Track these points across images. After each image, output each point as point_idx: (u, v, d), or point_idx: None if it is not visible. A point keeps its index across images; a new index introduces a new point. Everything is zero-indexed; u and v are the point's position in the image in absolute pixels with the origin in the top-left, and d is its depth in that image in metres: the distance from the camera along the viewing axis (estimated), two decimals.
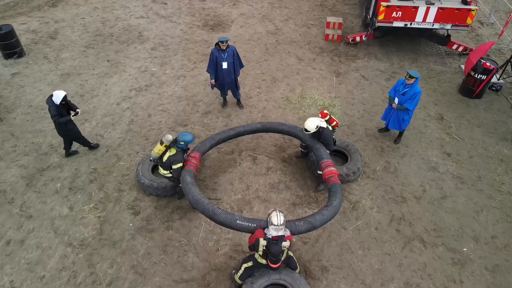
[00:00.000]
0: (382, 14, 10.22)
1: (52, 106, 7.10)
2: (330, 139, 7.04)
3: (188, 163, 6.57)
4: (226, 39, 8.14)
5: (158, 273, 6.12)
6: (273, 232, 5.07)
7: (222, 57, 8.34)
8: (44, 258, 6.27)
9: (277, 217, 5.04)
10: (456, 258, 6.42)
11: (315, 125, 6.88)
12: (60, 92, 7.12)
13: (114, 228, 6.73)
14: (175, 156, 6.45)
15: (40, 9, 13.19)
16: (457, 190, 7.52)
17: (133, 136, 8.50)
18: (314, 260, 6.34)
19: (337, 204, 6.00)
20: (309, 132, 6.94)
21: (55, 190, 7.32)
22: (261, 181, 7.50)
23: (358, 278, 6.13)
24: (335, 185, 6.32)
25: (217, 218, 5.66)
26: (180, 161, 6.45)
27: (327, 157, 6.77)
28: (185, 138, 6.41)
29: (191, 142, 6.48)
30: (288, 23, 12.79)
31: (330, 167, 6.57)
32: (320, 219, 5.72)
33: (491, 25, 12.91)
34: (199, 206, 5.84)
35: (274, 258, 5.16)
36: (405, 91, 7.61)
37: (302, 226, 5.60)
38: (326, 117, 7.13)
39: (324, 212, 5.82)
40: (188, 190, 6.04)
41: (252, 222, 5.50)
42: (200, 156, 6.85)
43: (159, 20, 12.78)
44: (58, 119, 7.17)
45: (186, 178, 6.23)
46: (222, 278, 6.08)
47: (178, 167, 6.47)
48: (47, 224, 6.76)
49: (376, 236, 6.71)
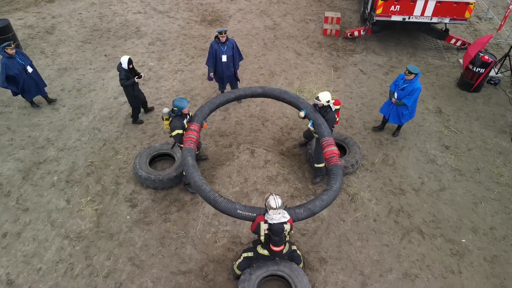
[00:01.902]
0: (380, 8, 10.19)
1: (122, 70, 7.77)
2: (332, 123, 6.95)
3: (187, 138, 6.35)
4: (224, 30, 8.11)
5: (155, 265, 6.08)
6: (274, 215, 5.04)
7: (221, 50, 8.30)
8: (40, 251, 6.23)
9: (275, 200, 5.05)
10: (455, 249, 6.40)
11: (327, 98, 6.77)
12: (125, 57, 7.76)
13: (111, 220, 6.70)
14: (172, 123, 6.52)
15: (37, 5, 13.13)
16: (456, 182, 7.50)
17: (131, 130, 8.46)
18: (312, 252, 6.31)
19: (337, 188, 5.83)
20: (319, 102, 6.80)
21: (51, 183, 7.28)
22: (259, 174, 7.46)
23: (357, 269, 6.11)
24: (336, 166, 6.13)
25: (218, 206, 5.57)
26: (177, 127, 6.48)
27: (328, 134, 6.58)
28: (177, 104, 6.44)
29: (184, 107, 6.46)
30: (286, 18, 12.76)
31: (331, 146, 6.36)
32: (320, 205, 5.60)
33: (489, 20, 12.91)
34: (201, 192, 5.72)
35: (276, 237, 5.07)
36: (404, 86, 7.54)
37: (302, 214, 5.50)
38: (337, 106, 7.01)
39: (324, 197, 5.66)
40: (190, 174, 5.89)
41: (253, 212, 5.45)
42: (199, 127, 6.64)
43: (156, 15, 12.74)
44: (125, 82, 7.81)
45: (188, 160, 6.03)
46: (220, 269, 6.05)
47: (176, 134, 6.50)
48: (44, 217, 6.72)
49: (374, 227, 6.69)
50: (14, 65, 8.06)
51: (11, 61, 8.05)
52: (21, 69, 8.16)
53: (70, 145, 8.07)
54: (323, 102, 6.82)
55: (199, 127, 6.67)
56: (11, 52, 8.01)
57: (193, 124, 6.65)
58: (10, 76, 8.10)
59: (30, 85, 8.43)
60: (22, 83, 8.27)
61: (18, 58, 8.15)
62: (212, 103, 7.20)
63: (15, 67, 8.07)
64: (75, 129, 8.44)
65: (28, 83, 8.38)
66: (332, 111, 6.94)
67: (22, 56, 8.36)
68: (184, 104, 6.50)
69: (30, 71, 8.32)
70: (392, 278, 6.00)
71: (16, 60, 8.12)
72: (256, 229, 5.21)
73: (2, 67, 8.06)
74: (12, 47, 8.00)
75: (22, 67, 8.18)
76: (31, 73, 8.36)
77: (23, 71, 8.20)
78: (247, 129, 8.56)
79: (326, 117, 6.93)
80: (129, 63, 7.78)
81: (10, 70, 8.04)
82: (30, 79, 8.37)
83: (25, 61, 8.29)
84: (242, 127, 8.59)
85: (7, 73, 8.04)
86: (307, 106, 7.14)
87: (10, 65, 8.03)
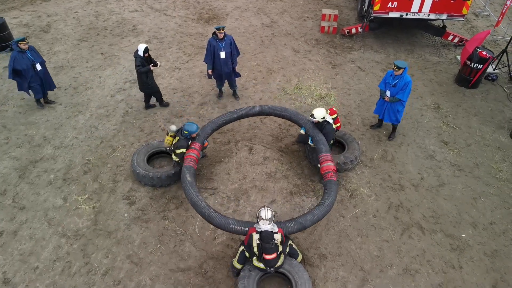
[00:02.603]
0: (378, 4, 10.19)
1: (138, 57, 7.96)
2: (331, 136, 7.07)
3: (188, 157, 6.64)
4: (222, 27, 8.06)
5: (154, 263, 6.02)
6: (263, 226, 5.22)
7: (219, 46, 8.26)
8: (37, 249, 6.15)
9: (265, 212, 5.28)
10: (455, 244, 6.38)
11: (322, 115, 6.92)
12: (142, 45, 7.95)
13: (109, 218, 6.63)
14: (178, 142, 6.80)
15: (33, 3, 13.04)
16: (455, 177, 7.48)
17: (128, 128, 8.40)
18: (312, 248, 6.27)
19: (329, 203, 5.94)
20: (314, 119, 6.94)
21: (48, 182, 7.21)
22: (258, 171, 7.42)
23: (357, 265, 6.07)
24: (330, 182, 6.25)
25: (213, 221, 5.70)
26: (182, 147, 6.77)
27: (326, 150, 6.72)
28: (188, 128, 6.74)
29: (194, 132, 6.80)
30: (283, 16, 12.73)
31: (328, 162, 6.50)
32: (311, 220, 5.71)
33: (486, 17, 12.93)
34: (197, 208, 5.88)
35: (267, 244, 5.15)
36: (395, 82, 7.49)
37: (292, 227, 5.61)
38: (333, 115, 7.15)
39: (315, 212, 5.78)
40: (187, 191, 6.08)
41: (245, 226, 5.58)
42: (200, 146, 6.92)
43: (153, 13, 12.68)
44: (140, 69, 7.99)
45: (186, 177, 6.25)
46: (220, 266, 6.00)
47: (180, 152, 6.79)
48: (41, 215, 6.64)
49: (374, 223, 6.66)
50: (23, 60, 8.04)
51: (21, 55, 8.04)
52: (29, 65, 8.12)
53: (67, 143, 7.99)
54: (318, 119, 6.97)
55: (200, 146, 6.94)
56: (24, 47, 8.01)
57: (194, 143, 6.91)
58: (16, 70, 8.07)
59: (36, 83, 8.37)
60: (29, 79, 8.23)
61: (28, 54, 8.13)
62: (214, 123, 7.38)
63: (23, 62, 8.05)
64: (72, 127, 8.37)
65: (35, 80, 8.32)
66: (330, 124, 7.05)
67: (34, 53, 8.30)
68: (194, 129, 6.80)
69: (38, 69, 8.26)
70: (393, 274, 5.96)
71: (26, 55, 8.10)
72: (249, 241, 5.34)
73: (10, 60, 8.04)
74: (26, 42, 8.01)
75: (31, 63, 8.14)
76: (39, 71, 8.30)
77: (31, 67, 8.15)
78: (245, 126, 8.51)
79: (324, 131, 7.07)
80: (145, 52, 7.94)
81: (17, 64, 8.02)
82: (37, 77, 8.31)
83: (35, 58, 8.24)
84: (240, 124, 8.54)
85: (14, 67, 8.02)
86: (306, 123, 7.28)
87: (19, 59, 8.02)
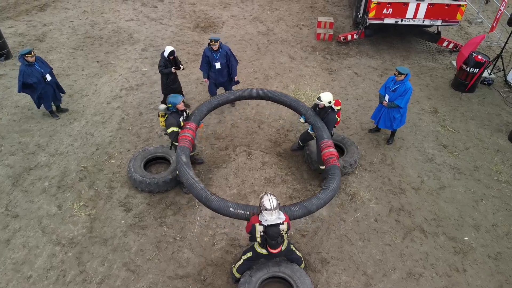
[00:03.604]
0: (373, 11, 10.25)
1: (162, 58, 8.00)
2: (332, 124, 6.88)
3: (183, 137, 6.29)
4: (216, 39, 8.01)
5: (151, 270, 5.86)
6: (268, 217, 4.82)
7: (214, 57, 8.23)
8: (31, 258, 5.97)
9: (269, 201, 4.80)
10: (458, 247, 6.28)
11: (329, 99, 6.68)
12: (169, 47, 7.97)
13: (105, 225, 6.47)
14: (167, 120, 6.45)
15: (28, 13, 13.01)
16: (455, 180, 7.43)
17: (124, 134, 8.29)
18: (313, 253, 6.14)
19: (334, 187, 5.73)
20: (321, 102, 6.70)
21: (42, 189, 7.05)
22: (257, 176, 7.32)
23: (359, 269, 5.95)
24: (334, 167, 6.07)
25: (210, 204, 5.42)
26: (172, 125, 6.42)
27: (327, 137, 6.53)
28: (172, 100, 6.38)
29: (177, 103, 6.38)
30: (279, 24, 12.79)
31: (330, 148, 6.32)
32: (316, 203, 5.48)
33: (480, 23, 13.07)
34: (193, 190, 5.59)
35: (273, 241, 4.92)
36: (395, 87, 7.45)
37: (297, 211, 5.36)
38: (338, 106, 6.93)
39: (321, 195, 5.55)
40: (183, 172, 5.79)
41: (246, 209, 5.29)
42: (195, 127, 6.57)
43: (149, 22, 12.68)
44: (162, 70, 8.03)
45: (181, 157, 5.96)
46: (219, 273, 5.84)
47: (171, 131, 6.46)
48: (34, 223, 6.47)
49: (376, 227, 6.55)
50: (32, 73, 7.80)
51: (30, 68, 7.78)
52: (40, 77, 7.89)
53: (62, 150, 7.86)
54: (325, 103, 6.74)
55: (195, 126, 6.59)
56: (31, 60, 7.74)
57: (189, 123, 6.56)
58: (27, 83, 7.86)
59: (48, 94, 8.17)
60: (39, 91, 8.02)
61: (37, 66, 7.87)
62: (210, 103, 7.11)
63: (33, 75, 7.80)
64: (67, 134, 8.25)
65: (47, 91, 8.12)
66: (334, 112, 6.86)
67: (42, 63, 8.07)
68: (178, 99, 6.42)
69: (49, 80, 8.07)
70: (396, 278, 5.84)
71: (35, 68, 7.84)
72: (252, 230, 5.02)
73: (20, 74, 7.78)
74: (32, 54, 7.73)
75: (41, 75, 7.91)
76: (50, 81, 8.12)
77: (42, 79, 7.94)
78: (243, 131, 8.44)
79: (327, 118, 6.85)
80: (170, 54, 7.93)
81: (28, 78, 7.78)
82: (48, 87, 8.13)
83: (44, 69, 8.02)
84: (238, 130, 8.46)
85: (24, 81, 7.80)
86: (307, 110, 7.07)
87: (29, 73, 7.77)
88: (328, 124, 6.86)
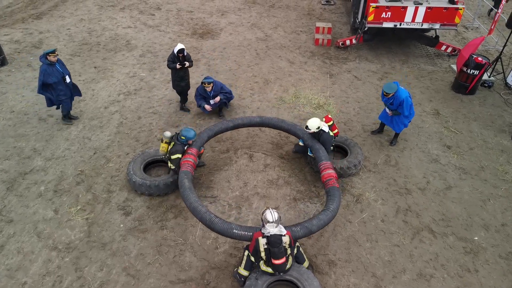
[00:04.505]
0: (372, 15, 10.26)
1: (172, 53, 8.21)
2: (329, 144, 6.93)
3: (185, 162, 6.37)
4: (209, 81, 8.08)
5: (152, 274, 5.62)
6: (271, 229, 4.91)
7: (208, 95, 8.34)
8: (25, 264, 5.70)
9: (271, 214, 4.96)
10: (468, 247, 6.11)
11: (316, 125, 6.79)
12: (179, 45, 8.15)
13: (103, 229, 6.23)
14: (174, 147, 6.51)
15: (24, 21, 12.91)
16: (461, 180, 7.29)
17: (123, 138, 8.10)
18: (320, 255, 5.94)
19: (334, 208, 5.71)
20: (309, 130, 6.82)
21: (38, 194, 6.81)
22: (259, 178, 7.15)
23: (368, 271, 5.74)
24: (333, 188, 6.03)
25: (214, 227, 5.39)
26: (178, 152, 6.47)
27: (326, 158, 6.55)
28: (185, 134, 6.49)
29: (192, 138, 6.54)
30: (277, 30, 12.78)
31: (329, 170, 6.31)
32: (317, 224, 5.46)
33: (476, 29, 13.16)
34: (197, 214, 5.57)
35: (275, 248, 4.84)
36: (390, 102, 7.43)
37: (299, 232, 5.34)
38: (329, 122, 7.07)
39: (321, 216, 5.55)
40: (186, 196, 5.79)
41: (249, 231, 5.29)
42: (197, 152, 6.67)
43: (147, 29, 12.63)
44: (169, 64, 8.27)
45: (184, 182, 5.98)
46: (223, 276, 5.61)
47: (176, 158, 6.47)
48: (30, 228, 6.22)
49: (383, 228, 6.37)
50: (53, 73, 7.66)
51: (51, 68, 7.65)
52: (60, 78, 7.77)
53: (58, 154, 7.65)
54: (313, 130, 6.85)
55: (196, 151, 6.69)
56: (54, 59, 7.62)
57: (190, 149, 6.66)
58: (47, 83, 7.72)
59: (66, 96, 8.03)
60: (58, 93, 7.88)
61: (58, 66, 7.76)
62: (211, 130, 7.23)
63: (54, 75, 7.67)
64: (64, 138, 8.05)
65: (65, 93, 7.98)
66: (325, 132, 6.92)
67: (62, 65, 7.96)
68: (192, 135, 6.55)
69: (68, 81, 7.95)
70: (406, 279, 5.64)
71: (56, 68, 7.72)
72: (255, 245, 5.02)
73: (40, 74, 7.64)
74: (55, 54, 7.64)
75: (61, 75, 7.81)
76: (69, 83, 8.01)
77: (61, 80, 7.82)
78: (244, 134, 8.29)
79: (321, 140, 6.93)
80: (179, 52, 8.07)
81: (48, 78, 7.64)
82: (67, 89, 8.01)
83: (64, 71, 7.92)
84: (238, 133, 8.31)
85: (44, 80, 7.66)
86: (303, 134, 7.14)
87: (50, 72, 7.64)
88: (325, 144, 6.90)
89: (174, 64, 8.19)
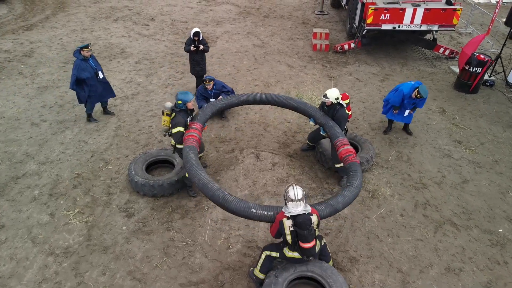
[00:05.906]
0: (371, 17, 10.23)
1: (188, 37, 8.52)
2: (344, 121, 6.48)
3: (189, 136, 5.74)
4: (211, 78, 7.84)
5: (160, 278, 5.13)
6: (293, 209, 4.37)
7: (209, 94, 8.07)
8: (19, 270, 5.17)
9: (294, 191, 4.40)
10: (494, 240, 5.80)
11: (335, 95, 6.32)
12: (195, 28, 8.49)
13: (104, 232, 5.75)
14: (175, 118, 5.89)
15: (14, 32, 12.56)
16: (477, 174, 7.06)
17: (121, 141, 7.69)
18: (340, 252, 5.55)
19: (358, 184, 5.29)
20: (328, 99, 6.33)
21: (32, 198, 6.31)
22: (268, 176, 6.79)
23: (393, 266, 5.36)
24: (354, 164, 5.63)
25: (229, 206, 4.81)
26: (179, 125, 5.86)
27: (341, 135, 6.14)
28: (182, 97, 5.87)
29: (189, 100, 5.92)
30: (273, 37, 12.70)
31: (346, 146, 5.91)
32: (342, 201, 4.99)
33: (469, 34, 13.30)
34: (207, 191, 4.96)
35: (305, 230, 4.30)
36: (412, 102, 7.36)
37: (324, 210, 4.84)
38: (346, 100, 6.58)
39: (346, 193, 5.09)
40: (194, 172, 5.17)
41: (269, 210, 4.71)
42: (201, 127, 6.07)
43: (141, 38, 12.40)
44: (185, 47, 8.60)
45: (191, 157, 5.36)
46: (238, 277, 5.16)
47: (177, 131, 5.86)
48: (23, 233, 5.70)
49: (403, 222, 6.04)
50: (86, 68, 7.48)
51: (85, 63, 7.47)
52: (93, 73, 7.59)
53: (53, 158, 7.18)
54: (332, 100, 6.38)
55: (201, 127, 6.08)
56: (87, 54, 7.45)
57: (195, 123, 6.06)
58: (80, 79, 7.45)
59: (96, 92, 7.80)
60: (89, 88, 7.65)
61: (91, 61, 7.59)
62: (215, 106, 6.68)
63: (87, 70, 7.49)
64: (59, 142, 7.60)
65: (95, 89, 7.74)
66: (343, 108, 6.48)
67: (95, 61, 7.77)
68: (190, 97, 5.95)
69: (101, 77, 7.74)
70: (435, 274, 5.27)
71: (89, 63, 7.54)
72: (279, 229, 4.48)
73: (74, 68, 7.41)
74: (89, 49, 7.48)
75: (94, 71, 7.60)
76: (102, 79, 7.80)
77: (94, 75, 7.60)
78: (249, 134, 7.97)
79: (337, 115, 6.45)
80: (195, 35, 8.39)
81: (82, 73, 7.43)
82: (98, 85, 7.77)
83: (97, 66, 7.71)
84: (243, 133, 7.99)
85: (78, 75, 7.40)
86: (315, 111, 6.70)
87: (83, 67, 7.44)
88: (340, 121, 6.46)
89: (189, 47, 8.48)
